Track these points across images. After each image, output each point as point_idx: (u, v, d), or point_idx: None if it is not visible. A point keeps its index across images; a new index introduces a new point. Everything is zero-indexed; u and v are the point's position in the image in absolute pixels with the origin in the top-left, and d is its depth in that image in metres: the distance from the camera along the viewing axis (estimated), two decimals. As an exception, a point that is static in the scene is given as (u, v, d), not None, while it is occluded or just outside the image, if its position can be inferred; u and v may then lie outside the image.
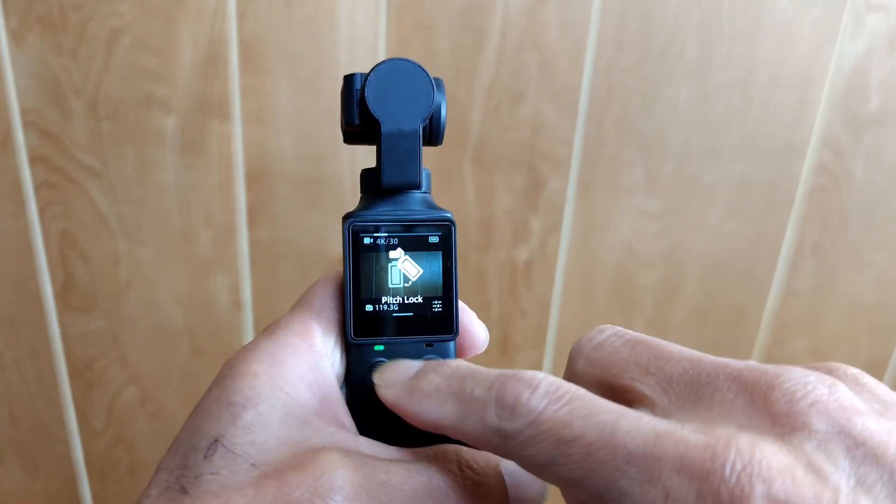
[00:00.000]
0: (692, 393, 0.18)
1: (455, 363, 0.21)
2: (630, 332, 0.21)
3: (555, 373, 0.18)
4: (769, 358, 0.64)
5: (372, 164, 0.26)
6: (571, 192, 0.58)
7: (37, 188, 0.56)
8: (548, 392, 0.17)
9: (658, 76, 0.55)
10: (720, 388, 0.17)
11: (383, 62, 0.25)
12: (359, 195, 0.27)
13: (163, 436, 0.65)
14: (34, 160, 0.55)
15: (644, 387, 0.19)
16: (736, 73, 0.55)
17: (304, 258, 0.59)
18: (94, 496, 0.67)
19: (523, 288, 0.61)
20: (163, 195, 0.56)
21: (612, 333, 0.21)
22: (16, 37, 0.51)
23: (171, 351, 0.61)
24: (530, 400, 0.17)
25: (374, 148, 0.26)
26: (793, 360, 0.65)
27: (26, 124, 0.54)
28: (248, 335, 0.61)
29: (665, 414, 0.17)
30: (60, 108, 0.54)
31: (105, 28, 0.51)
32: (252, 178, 0.56)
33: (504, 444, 0.18)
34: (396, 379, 0.22)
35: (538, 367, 0.64)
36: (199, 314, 0.60)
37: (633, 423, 0.16)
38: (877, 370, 0.65)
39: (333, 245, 0.59)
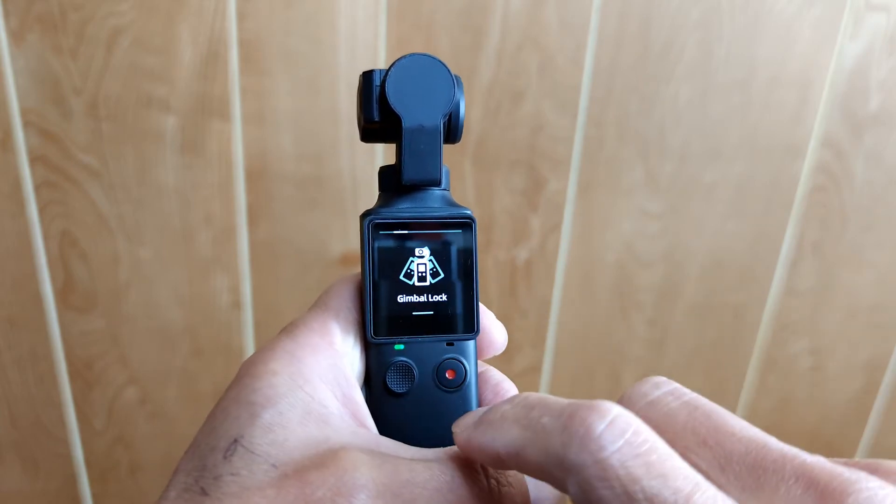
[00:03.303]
0: (754, 478, 0.16)
1: (526, 393, 0.20)
2: (687, 391, 0.19)
3: (554, 372, 0.18)
4: (769, 358, 0.64)
5: (373, 163, 0.26)
6: (571, 192, 0.58)
7: (37, 188, 0.56)
8: (623, 431, 0.16)
9: (658, 76, 0.55)
10: (786, 481, 0.16)
11: (403, 57, 0.24)
12: (358, 194, 0.27)
13: (163, 436, 0.65)
14: (34, 160, 0.55)
15: (700, 460, 0.17)
16: (736, 72, 0.55)
17: (304, 258, 0.59)
18: (94, 496, 0.67)
19: (523, 288, 0.61)
20: (163, 195, 0.56)
21: (668, 391, 0.19)
22: (16, 37, 0.51)
23: (171, 351, 0.61)
24: (603, 434, 0.16)
25: (376, 147, 0.26)
26: (793, 360, 0.66)
27: (26, 124, 0.54)
28: (248, 335, 0.61)
29: None
30: (60, 108, 0.54)
31: (105, 28, 0.51)
32: (252, 177, 0.56)
33: (564, 478, 0.16)
34: (470, 419, 0.21)
35: (538, 366, 0.64)
36: (199, 314, 0.60)
37: (709, 501, 0.15)
38: (877, 370, 0.65)
39: (333, 245, 0.59)
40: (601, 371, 0.65)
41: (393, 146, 0.27)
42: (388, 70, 0.24)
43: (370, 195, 0.56)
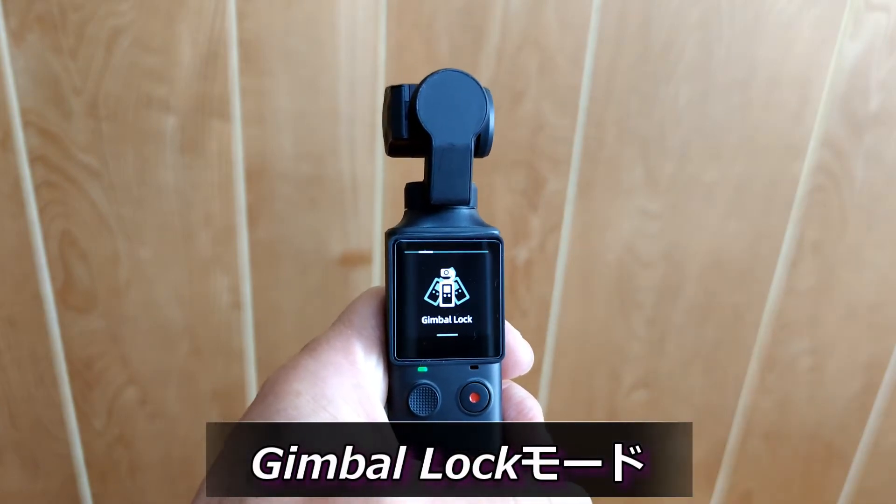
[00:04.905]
0: None
1: None
2: None
3: (554, 372, 0.18)
4: (769, 358, 0.64)
5: (373, 163, 0.26)
6: (571, 192, 0.58)
7: (37, 188, 0.56)
8: None
9: (658, 76, 0.55)
10: None
11: (435, 73, 0.24)
12: (358, 194, 0.27)
13: (163, 436, 0.65)
14: (34, 160, 0.55)
15: None
16: (736, 72, 0.55)
17: (304, 258, 0.59)
18: (94, 496, 0.67)
19: (523, 288, 0.61)
20: (163, 195, 0.56)
21: None
22: (15, 36, 0.51)
23: (171, 351, 0.61)
24: None
25: (376, 148, 0.25)
26: (793, 360, 0.66)
27: (26, 124, 0.54)
28: (248, 335, 0.61)
29: None
30: (60, 108, 0.54)
31: (105, 28, 0.51)
32: (252, 177, 0.56)
33: None
34: None
35: (538, 366, 0.64)
36: (198, 314, 0.60)
37: None
38: (877, 370, 0.65)
39: (333, 245, 0.59)
40: (601, 371, 0.65)
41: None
42: (418, 86, 0.24)
43: (370, 195, 0.56)
